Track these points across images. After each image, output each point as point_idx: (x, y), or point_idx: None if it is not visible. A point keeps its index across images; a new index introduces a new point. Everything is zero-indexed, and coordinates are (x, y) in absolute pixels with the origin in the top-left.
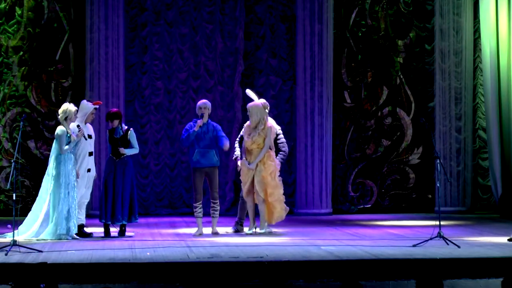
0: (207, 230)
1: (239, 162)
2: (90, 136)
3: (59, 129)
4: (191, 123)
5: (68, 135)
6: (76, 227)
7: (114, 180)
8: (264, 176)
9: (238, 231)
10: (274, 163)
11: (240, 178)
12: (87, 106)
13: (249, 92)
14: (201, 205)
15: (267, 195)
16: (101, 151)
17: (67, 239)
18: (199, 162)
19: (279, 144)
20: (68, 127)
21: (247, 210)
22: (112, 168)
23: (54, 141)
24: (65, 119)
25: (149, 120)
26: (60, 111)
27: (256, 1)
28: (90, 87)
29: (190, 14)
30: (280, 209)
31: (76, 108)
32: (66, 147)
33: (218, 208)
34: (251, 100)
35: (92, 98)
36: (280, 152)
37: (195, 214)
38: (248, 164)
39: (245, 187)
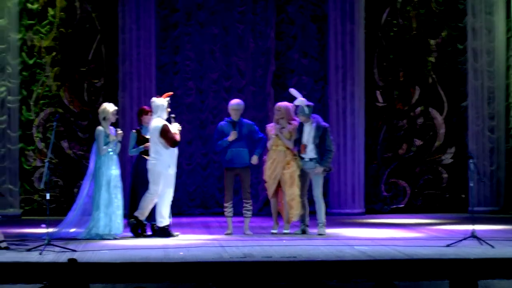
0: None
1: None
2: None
3: (97, 129)
4: (223, 122)
5: (107, 135)
6: (120, 227)
7: (147, 180)
8: (291, 174)
9: (304, 232)
10: (295, 163)
11: (265, 178)
12: (159, 102)
13: (293, 91)
14: (231, 205)
15: (286, 194)
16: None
17: (108, 239)
18: (231, 162)
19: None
20: (107, 126)
21: (274, 210)
22: (145, 168)
23: (95, 141)
24: (103, 119)
25: (181, 120)
26: (99, 110)
27: (287, 1)
28: (122, 87)
29: (222, 14)
30: (297, 209)
31: (115, 108)
32: (105, 147)
33: (251, 208)
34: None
35: (124, 98)
36: (330, 151)
37: (225, 213)
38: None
39: (272, 188)
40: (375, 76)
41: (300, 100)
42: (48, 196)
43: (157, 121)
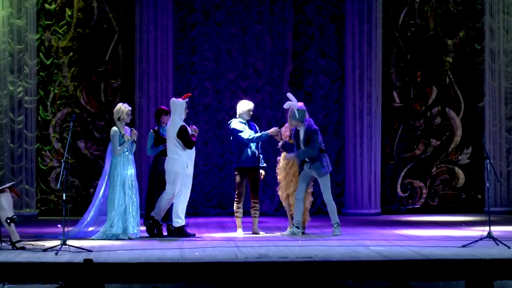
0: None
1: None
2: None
3: (112, 130)
4: (243, 125)
5: (121, 135)
6: (136, 227)
7: (164, 180)
8: (294, 172)
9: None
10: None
11: (279, 180)
12: (179, 102)
13: (290, 95)
14: (242, 205)
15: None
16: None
17: (123, 239)
18: (247, 162)
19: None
20: (122, 127)
21: (289, 211)
22: (163, 168)
23: (110, 142)
24: (118, 119)
25: (198, 120)
26: (114, 111)
27: (305, 1)
28: (139, 87)
29: (239, 14)
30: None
31: (129, 108)
32: (120, 147)
33: (259, 207)
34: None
35: (142, 98)
36: (310, 149)
37: (235, 214)
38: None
39: (284, 189)
40: (392, 76)
41: (289, 103)
42: (64, 196)
43: (175, 122)
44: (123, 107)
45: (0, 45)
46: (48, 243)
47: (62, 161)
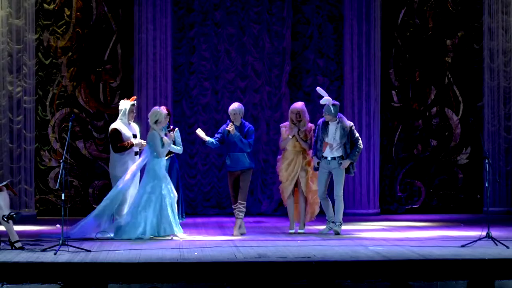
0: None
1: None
2: (135, 136)
3: (150, 134)
4: (224, 126)
5: (160, 138)
6: (174, 227)
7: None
8: (309, 176)
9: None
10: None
11: (281, 179)
12: (122, 104)
13: (320, 90)
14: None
15: (311, 192)
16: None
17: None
18: (231, 166)
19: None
20: (160, 130)
21: (291, 211)
22: (167, 168)
23: (148, 146)
24: (155, 122)
25: (196, 120)
26: (149, 115)
27: (303, 1)
28: (138, 87)
29: (238, 14)
30: (317, 208)
31: (166, 112)
32: (163, 149)
33: (244, 210)
34: (321, 97)
35: (140, 98)
36: (358, 146)
37: (235, 215)
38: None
39: (289, 189)
40: (391, 76)
41: (326, 99)
42: (63, 197)
43: (113, 124)
44: (161, 110)
45: None
46: (47, 243)
47: (61, 161)
